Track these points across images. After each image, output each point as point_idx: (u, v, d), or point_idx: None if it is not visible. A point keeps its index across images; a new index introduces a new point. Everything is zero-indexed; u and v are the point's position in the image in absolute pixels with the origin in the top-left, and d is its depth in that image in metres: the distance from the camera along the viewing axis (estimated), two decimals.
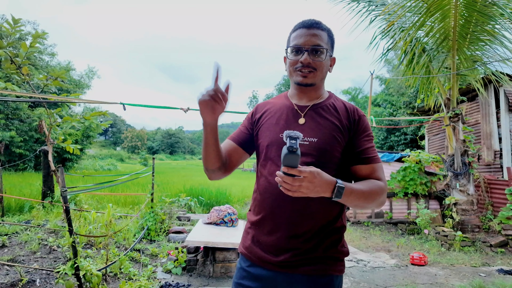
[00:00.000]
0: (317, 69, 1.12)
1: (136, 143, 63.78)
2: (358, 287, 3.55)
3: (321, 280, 1.08)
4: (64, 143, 2.89)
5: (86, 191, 6.18)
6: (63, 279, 2.76)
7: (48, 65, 18.87)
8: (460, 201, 5.88)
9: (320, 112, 1.16)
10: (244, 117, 1.35)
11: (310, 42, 1.11)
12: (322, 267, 1.08)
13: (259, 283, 1.12)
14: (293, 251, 1.08)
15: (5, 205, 6.33)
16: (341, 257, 1.13)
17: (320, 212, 1.09)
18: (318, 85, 1.17)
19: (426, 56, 6.22)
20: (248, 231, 1.22)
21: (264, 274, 1.12)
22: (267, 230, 1.12)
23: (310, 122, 1.14)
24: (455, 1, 5.21)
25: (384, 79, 21.51)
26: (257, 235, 1.16)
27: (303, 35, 1.12)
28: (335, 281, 1.11)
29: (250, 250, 1.17)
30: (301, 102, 1.20)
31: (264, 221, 1.13)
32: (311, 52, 1.11)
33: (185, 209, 7.62)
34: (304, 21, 1.15)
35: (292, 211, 1.08)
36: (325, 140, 1.10)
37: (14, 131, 14.70)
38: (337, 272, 1.11)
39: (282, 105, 1.22)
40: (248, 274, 1.16)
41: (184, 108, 4.82)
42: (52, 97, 3.17)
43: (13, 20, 2.34)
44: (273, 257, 1.10)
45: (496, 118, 8.15)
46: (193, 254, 3.65)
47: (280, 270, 1.09)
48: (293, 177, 0.88)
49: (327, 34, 1.15)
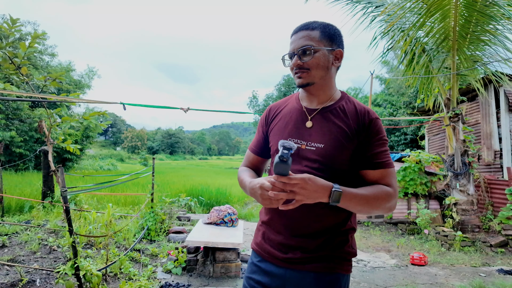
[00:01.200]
0: (311, 68, 1.12)
1: (136, 143, 63.81)
2: (358, 287, 3.55)
3: (328, 278, 1.10)
4: (64, 143, 2.89)
5: (86, 191, 6.18)
6: (63, 279, 2.76)
7: (48, 65, 18.88)
8: (460, 201, 5.88)
9: (329, 116, 1.15)
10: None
11: (298, 45, 1.13)
12: (329, 265, 1.10)
13: (268, 278, 1.16)
14: (300, 249, 1.11)
15: (5, 205, 6.34)
16: (348, 257, 1.14)
17: (327, 215, 1.10)
18: (319, 83, 1.15)
19: (426, 56, 6.22)
20: (259, 228, 1.27)
21: (273, 270, 1.16)
22: (275, 230, 1.17)
23: (317, 127, 1.14)
24: (455, 1, 5.20)
25: (384, 79, 21.51)
26: (267, 233, 1.21)
27: (293, 41, 1.16)
28: (342, 279, 1.13)
29: (261, 246, 1.22)
30: (311, 105, 1.20)
31: (272, 222, 1.19)
32: (302, 54, 1.13)
33: (185, 209, 7.62)
34: (295, 28, 1.19)
35: (299, 214, 1.10)
36: (332, 145, 1.09)
37: (14, 131, 14.70)
38: (343, 271, 1.13)
39: (292, 107, 1.24)
40: (258, 268, 1.20)
41: (184, 108, 4.82)
42: (51, 97, 3.17)
43: (11, 20, 2.34)
44: (281, 253, 1.14)
45: (496, 118, 8.15)
46: (193, 254, 3.65)
47: (289, 266, 1.12)
48: (283, 183, 0.92)
49: (320, 31, 1.14)
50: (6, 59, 2.39)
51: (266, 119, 1.31)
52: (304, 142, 1.13)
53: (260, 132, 1.33)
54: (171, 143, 72.92)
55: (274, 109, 1.30)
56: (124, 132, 67.26)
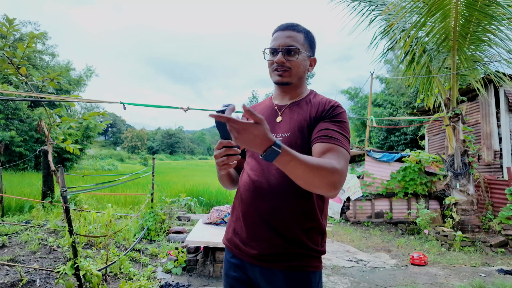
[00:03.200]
0: (292, 68, 1.18)
1: (136, 143, 63.78)
2: (358, 287, 3.55)
3: (297, 276, 1.12)
4: (64, 143, 2.88)
5: (86, 191, 6.18)
6: (63, 279, 2.76)
7: (48, 65, 18.88)
8: (460, 201, 5.88)
9: (295, 108, 1.22)
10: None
11: (284, 43, 1.17)
12: (298, 263, 1.11)
13: (242, 274, 1.20)
14: (266, 242, 1.12)
15: (5, 205, 6.34)
16: (317, 255, 1.15)
17: (298, 210, 1.12)
18: (295, 84, 1.22)
19: (427, 56, 6.22)
20: (230, 223, 1.28)
21: (245, 266, 1.19)
22: (244, 223, 1.18)
23: (286, 119, 1.21)
24: (455, 1, 5.20)
25: (384, 79, 21.51)
26: (237, 228, 1.22)
27: (278, 37, 1.20)
28: (312, 277, 1.13)
29: (231, 242, 1.23)
30: (282, 102, 1.27)
31: (243, 215, 1.19)
32: (286, 52, 1.17)
33: (185, 209, 7.62)
34: (281, 25, 1.23)
35: (267, 207, 1.13)
36: (295, 133, 1.15)
37: (14, 131, 14.70)
38: (313, 268, 1.13)
39: (265, 106, 1.31)
40: (232, 265, 1.23)
41: (184, 108, 4.82)
42: (51, 97, 3.17)
43: (7, 20, 2.34)
44: (251, 249, 1.15)
45: (496, 118, 8.15)
46: (193, 254, 3.65)
47: (259, 263, 1.14)
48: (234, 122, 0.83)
49: (304, 36, 1.21)
50: (5, 60, 2.39)
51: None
52: (274, 135, 1.17)
53: None
54: (171, 143, 72.88)
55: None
56: (124, 132, 67.22)
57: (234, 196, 1.33)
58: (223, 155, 0.94)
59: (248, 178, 1.19)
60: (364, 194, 7.59)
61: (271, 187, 1.13)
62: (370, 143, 17.14)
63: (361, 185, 7.64)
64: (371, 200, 7.64)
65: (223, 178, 1.26)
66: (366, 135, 10.97)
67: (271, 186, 1.13)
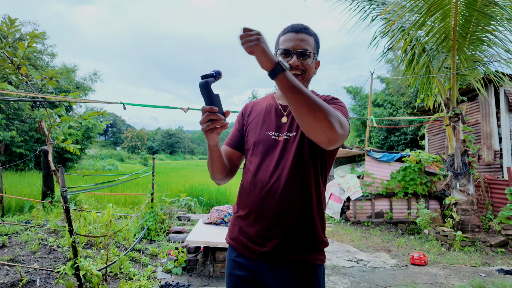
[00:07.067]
0: (306, 71, 1.21)
1: (136, 143, 63.74)
2: (358, 287, 3.55)
3: (306, 269, 1.15)
4: (64, 143, 2.89)
5: (86, 191, 6.18)
6: (63, 279, 2.76)
7: (48, 65, 18.87)
8: (460, 201, 5.88)
9: None
10: None
11: (299, 47, 1.18)
12: (306, 257, 1.15)
13: (249, 272, 1.19)
14: (277, 240, 1.14)
15: (5, 205, 6.34)
16: (322, 247, 1.20)
17: (304, 206, 1.15)
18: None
19: (426, 56, 6.22)
20: (234, 223, 1.28)
21: (252, 264, 1.19)
22: (253, 222, 1.19)
23: (291, 119, 1.23)
24: (455, 1, 5.20)
25: (384, 79, 21.49)
26: (244, 227, 1.22)
27: (292, 39, 1.20)
28: (319, 269, 1.18)
29: (237, 241, 1.23)
30: (286, 102, 1.29)
31: (250, 214, 1.20)
32: (300, 56, 1.19)
33: (185, 209, 7.62)
34: (293, 25, 1.23)
35: (276, 205, 1.14)
36: (302, 133, 1.17)
37: (15, 131, 14.69)
38: (319, 261, 1.18)
39: (268, 105, 1.31)
40: (237, 264, 1.22)
41: (184, 108, 4.82)
42: (51, 97, 3.18)
43: (9, 20, 2.34)
44: (259, 247, 1.16)
45: (496, 118, 8.15)
46: (193, 254, 3.65)
47: (266, 260, 1.15)
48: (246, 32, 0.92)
49: (314, 39, 1.23)
50: (5, 59, 2.39)
51: (242, 115, 1.37)
52: (280, 135, 1.21)
53: (236, 127, 1.38)
54: (171, 143, 72.85)
55: (250, 106, 1.38)
56: (124, 132, 67.17)
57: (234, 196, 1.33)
58: (207, 120, 0.99)
59: (254, 178, 1.20)
60: (364, 194, 7.59)
61: (277, 184, 1.15)
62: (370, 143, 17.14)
63: (361, 185, 7.64)
64: (371, 200, 7.64)
65: (213, 160, 1.18)
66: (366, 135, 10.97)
67: (277, 184, 1.15)
